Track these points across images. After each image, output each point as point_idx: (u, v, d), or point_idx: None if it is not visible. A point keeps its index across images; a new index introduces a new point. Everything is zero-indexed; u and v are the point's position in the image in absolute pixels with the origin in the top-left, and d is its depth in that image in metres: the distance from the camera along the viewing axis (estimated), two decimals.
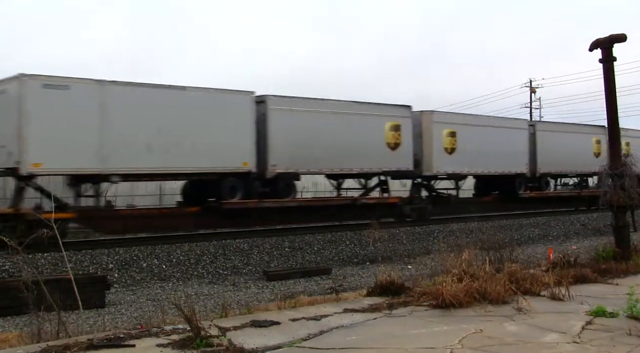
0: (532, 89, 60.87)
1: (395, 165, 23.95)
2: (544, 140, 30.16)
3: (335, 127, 21.99)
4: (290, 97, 21.47)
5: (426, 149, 25.35)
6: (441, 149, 25.76)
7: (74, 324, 7.88)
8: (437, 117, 26.09)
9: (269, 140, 20.45)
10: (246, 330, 7.27)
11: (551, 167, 30.69)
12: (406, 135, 24.17)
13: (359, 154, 22.66)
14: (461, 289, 8.64)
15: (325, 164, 22.30)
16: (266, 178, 20.51)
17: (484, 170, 28.23)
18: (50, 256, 14.52)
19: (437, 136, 25.60)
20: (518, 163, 28.74)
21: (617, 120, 14.33)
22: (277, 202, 20.83)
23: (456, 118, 27.83)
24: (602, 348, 6.53)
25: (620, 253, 12.99)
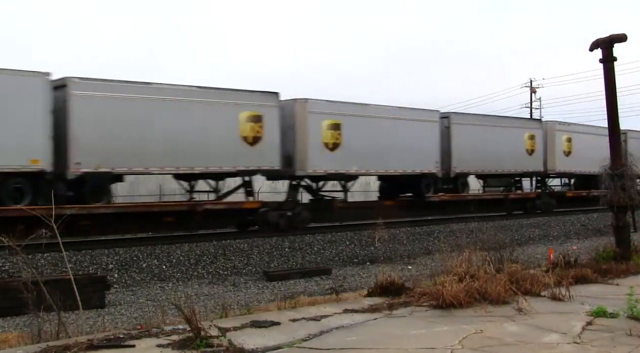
0: (532, 89, 60.88)
1: (255, 164, 20.17)
2: (460, 135, 26.21)
3: (168, 116, 18.33)
4: (103, 80, 17.54)
5: (299, 144, 21.19)
6: (320, 144, 21.53)
7: (74, 324, 7.87)
8: (314, 106, 21.48)
9: (70, 132, 16.76)
10: (246, 330, 7.27)
11: (470, 166, 26.86)
12: (270, 127, 20.19)
13: (202, 150, 18.97)
14: (461, 289, 8.64)
15: (154, 162, 18.40)
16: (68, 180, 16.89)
17: (380, 170, 24.28)
18: (50, 256, 14.52)
19: (314, 129, 21.39)
20: (425, 161, 24.69)
21: (617, 120, 14.34)
22: (82, 208, 16.46)
23: (341, 108, 22.38)
24: (603, 349, 6.52)
25: (621, 253, 12.98)
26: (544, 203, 30.45)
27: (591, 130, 32.40)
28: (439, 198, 25.56)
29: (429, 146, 24.92)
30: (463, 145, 26.29)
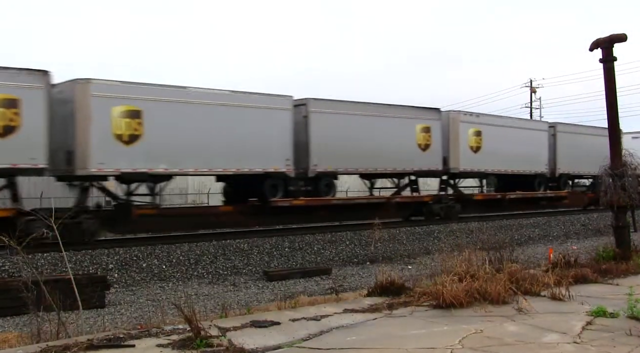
0: (532, 89, 60.88)
1: None
2: (322, 126, 21.57)
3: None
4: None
5: (79, 135, 16.84)
6: (109, 136, 17.01)
7: (74, 324, 7.87)
8: (100, 88, 16.97)
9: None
10: (246, 330, 7.26)
11: (337, 163, 22.10)
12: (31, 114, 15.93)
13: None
14: (461, 289, 8.63)
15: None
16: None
17: (203, 168, 19.54)
18: (50, 256, 14.52)
19: (100, 117, 16.90)
20: (271, 158, 20.11)
21: (618, 120, 14.33)
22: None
23: (141, 91, 17.76)
24: (603, 349, 6.52)
25: (621, 253, 12.98)
26: (443, 208, 25.50)
27: (508, 122, 29.04)
28: (290, 203, 20.67)
29: (277, 139, 20.28)
30: (326, 138, 21.60)
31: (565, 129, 32.14)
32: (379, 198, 25.28)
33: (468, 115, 26.93)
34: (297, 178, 21.27)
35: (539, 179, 30.07)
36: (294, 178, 21.05)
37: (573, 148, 31.14)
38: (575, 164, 31.44)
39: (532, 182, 29.67)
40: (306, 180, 21.67)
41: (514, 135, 28.14)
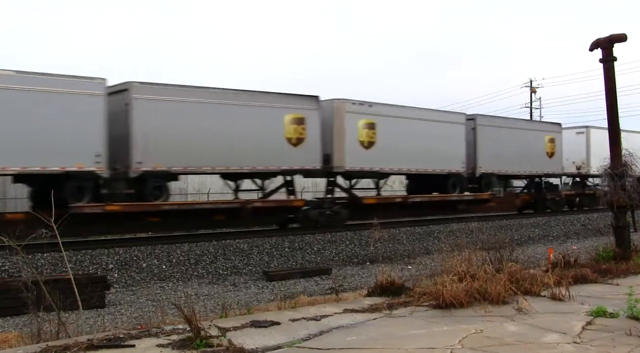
0: (532, 89, 60.87)
1: None
2: (152, 117, 17.85)
3: None
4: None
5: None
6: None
7: (74, 324, 7.87)
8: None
9: None
10: (246, 330, 7.26)
11: (172, 160, 18.34)
12: None
13: None
14: (461, 289, 8.63)
15: None
16: None
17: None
18: (50, 256, 14.52)
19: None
20: (71, 154, 16.64)
21: (618, 120, 14.34)
22: None
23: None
24: (603, 349, 6.52)
25: (621, 253, 12.97)
26: (324, 214, 21.88)
27: (411, 113, 24.36)
28: (102, 210, 16.96)
29: (79, 132, 16.70)
30: (157, 130, 18.01)
31: (488, 122, 27.80)
32: (230, 203, 20.49)
33: (357, 105, 22.64)
34: (115, 180, 17.75)
35: (453, 180, 25.86)
36: (109, 180, 17.56)
37: (499, 144, 27.38)
38: (502, 163, 27.65)
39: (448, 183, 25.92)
40: (128, 182, 18.04)
41: (420, 128, 24.14)
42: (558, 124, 32.47)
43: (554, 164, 30.99)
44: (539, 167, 30.09)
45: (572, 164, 32.76)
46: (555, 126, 32.22)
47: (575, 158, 32.68)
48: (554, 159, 30.88)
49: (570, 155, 32.12)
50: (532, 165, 29.59)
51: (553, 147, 30.90)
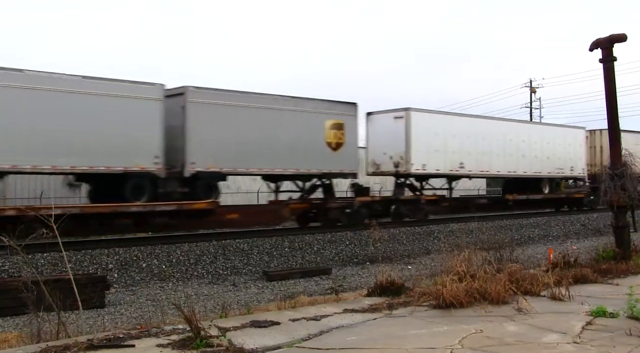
0: (532, 89, 60.87)
1: None
2: None
3: None
4: None
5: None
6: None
7: (74, 324, 7.87)
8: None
9: None
10: (246, 330, 7.26)
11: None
12: None
13: None
14: (461, 289, 8.63)
15: None
16: None
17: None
18: (50, 256, 14.52)
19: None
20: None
21: (618, 120, 14.32)
22: None
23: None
24: (603, 349, 6.52)
25: (621, 253, 12.97)
26: None
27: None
28: None
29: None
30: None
31: (209, 97, 19.55)
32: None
33: None
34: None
35: (136, 181, 18.09)
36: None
37: (227, 130, 19.75)
38: (234, 157, 19.96)
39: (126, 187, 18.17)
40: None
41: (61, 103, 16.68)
42: (350, 104, 23.28)
43: (343, 160, 22.52)
44: (314, 163, 21.74)
45: (389, 159, 25.11)
46: (345, 106, 23.02)
47: (393, 151, 24.93)
48: (342, 153, 22.49)
49: (387, 147, 25.12)
50: (299, 161, 21.33)
51: (341, 136, 22.52)
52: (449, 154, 26.30)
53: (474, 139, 27.24)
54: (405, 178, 25.85)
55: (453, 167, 26.60)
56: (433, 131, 25.48)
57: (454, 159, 26.42)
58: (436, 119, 26.37)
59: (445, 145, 26.15)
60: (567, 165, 32.19)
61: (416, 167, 24.98)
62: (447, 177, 27.35)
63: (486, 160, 28.05)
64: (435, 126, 25.65)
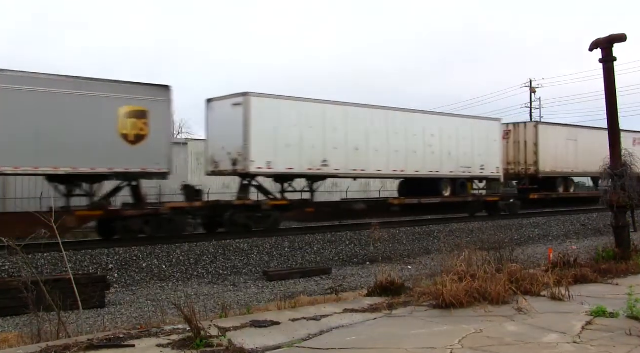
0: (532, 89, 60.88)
1: None
2: None
3: None
4: None
5: None
6: None
7: (74, 324, 7.88)
8: None
9: None
10: (246, 330, 7.26)
11: None
12: None
13: None
14: (461, 289, 8.63)
15: None
16: None
17: None
18: (50, 256, 14.53)
19: None
20: None
21: (617, 120, 14.31)
22: None
23: None
24: (602, 349, 6.52)
25: (620, 253, 12.96)
26: None
27: None
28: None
29: None
30: None
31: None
32: None
33: None
34: None
35: None
36: None
37: None
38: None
39: None
40: None
41: None
42: (158, 87, 18.78)
43: (146, 156, 18.21)
44: (104, 161, 17.51)
45: (227, 155, 21.03)
46: (150, 90, 18.56)
47: (231, 146, 20.76)
48: (144, 147, 18.22)
49: (225, 141, 21.04)
50: (83, 158, 17.20)
51: (143, 127, 18.22)
52: (306, 150, 21.51)
53: (343, 131, 22.54)
54: (251, 179, 21.69)
55: (313, 166, 21.71)
56: (284, 121, 20.97)
57: (314, 155, 21.73)
58: (287, 106, 21.24)
59: (301, 138, 21.37)
60: (476, 163, 27.72)
61: (258, 165, 20.41)
62: (305, 177, 22.71)
63: (362, 157, 23.20)
64: (287, 115, 21.03)
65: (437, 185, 26.40)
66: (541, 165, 30.72)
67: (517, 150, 31.16)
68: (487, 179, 29.35)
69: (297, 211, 22.17)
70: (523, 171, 31.13)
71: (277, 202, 21.72)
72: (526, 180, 31.58)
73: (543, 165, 30.77)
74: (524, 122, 32.76)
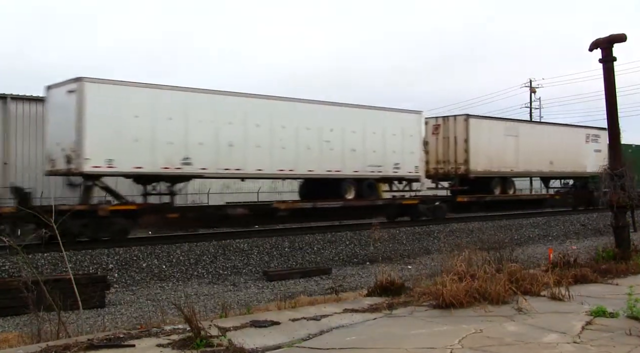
0: (532, 89, 60.88)
1: None
2: None
3: None
4: None
5: None
6: None
7: (74, 324, 7.88)
8: None
9: None
10: (246, 330, 7.27)
11: None
12: None
13: None
14: (461, 289, 8.63)
15: None
16: None
17: None
18: (50, 256, 14.53)
19: None
20: None
21: (617, 121, 14.31)
22: None
23: None
24: (602, 349, 6.52)
25: (620, 253, 12.96)
26: None
27: None
28: None
29: None
30: None
31: None
32: None
33: None
34: None
35: None
36: None
37: None
38: None
39: None
40: None
41: None
42: None
43: None
44: None
45: (61, 151, 17.98)
46: None
47: (65, 141, 17.82)
48: None
49: (60, 135, 18.07)
50: None
51: None
52: (161, 146, 18.46)
53: (211, 124, 19.41)
54: (95, 180, 18.48)
55: (171, 164, 18.65)
56: (131, 112, 17.93)
57: (172, 152, 18.70)
58: (136, 94, 18.15)
59: (154, 132, 18.33)
60: (389, 161, 24.13)
61: (95, 164, 17.40)
62: (162, 178, 19.50)
63: (237, 154, 19.98)
64: (135, 105, 17.97)
65: (339, 186, 23.16)
66: (472, 163, 27.12)
67: (447, 147, 27.71)
68: (403, 180, 25.62)
69: (157, 217, 18.98)
70: (453, 170, 27.57)
71: (119, 207, 18.21)
72: (456, 180, 27.96)
73: (475, 163, 27.23)
74: (454, 115, 28.48)
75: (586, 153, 32.57)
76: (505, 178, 29.38)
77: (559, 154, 31.24)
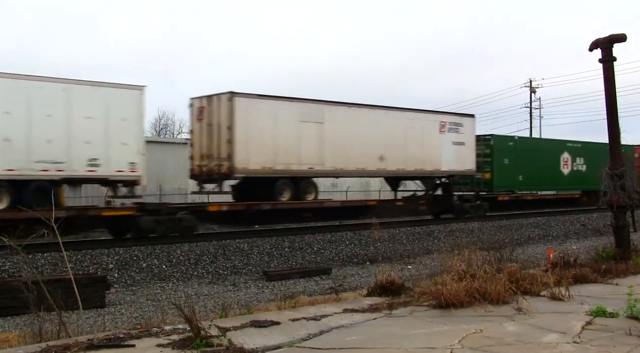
0: (532, 89, 60.91)
1: None
2: None
3: None
4: None
5: None
6: None
7: (74, 324, 7.88)
8: None
9: None
10: (246, 330, 7.27)
11: None
12: None
13: None
14: (461, 289, 8.64)
15: None
16: None
17: None
18: (50, 256, 14.54)
19: None
20: None
21: (617, 121, 14.31)
22: None
23: None
24: (602, 349, 6.53)
25: (620, 253, 12.97)
26: None
27: None
28: None
29: None
30: None
31: None
32: None
33: None
34: None
35: None
36: None
37: None
38: None
39: None
40: None
41: None
42: None
43: None
44: None
45: None
46: None
47: None
48: None
49: None
50: None
51: None
52: None
53: None
54: None
55: None
56: None
57: None
58: None
59: None
60: (77, 155, 17.33)
61: None
62: None
63: None
64: None
65: None
66: (239, 159, 19.86)
67: (211, 137, 20.51)
68: (107, 181, 18.51)
69: None
70: (216, 168, 20.32)
71: None
72: (219, 181, 20.73)
73: (243, 159, 19.97)
74: (218, 93, 20.40)
75: (440, 146, 25.34)
76: (302, 178, 21.98)
77: (394, 147, 23.73)
